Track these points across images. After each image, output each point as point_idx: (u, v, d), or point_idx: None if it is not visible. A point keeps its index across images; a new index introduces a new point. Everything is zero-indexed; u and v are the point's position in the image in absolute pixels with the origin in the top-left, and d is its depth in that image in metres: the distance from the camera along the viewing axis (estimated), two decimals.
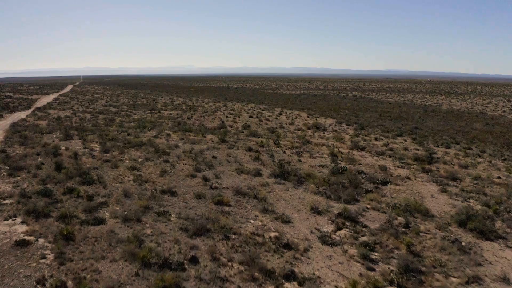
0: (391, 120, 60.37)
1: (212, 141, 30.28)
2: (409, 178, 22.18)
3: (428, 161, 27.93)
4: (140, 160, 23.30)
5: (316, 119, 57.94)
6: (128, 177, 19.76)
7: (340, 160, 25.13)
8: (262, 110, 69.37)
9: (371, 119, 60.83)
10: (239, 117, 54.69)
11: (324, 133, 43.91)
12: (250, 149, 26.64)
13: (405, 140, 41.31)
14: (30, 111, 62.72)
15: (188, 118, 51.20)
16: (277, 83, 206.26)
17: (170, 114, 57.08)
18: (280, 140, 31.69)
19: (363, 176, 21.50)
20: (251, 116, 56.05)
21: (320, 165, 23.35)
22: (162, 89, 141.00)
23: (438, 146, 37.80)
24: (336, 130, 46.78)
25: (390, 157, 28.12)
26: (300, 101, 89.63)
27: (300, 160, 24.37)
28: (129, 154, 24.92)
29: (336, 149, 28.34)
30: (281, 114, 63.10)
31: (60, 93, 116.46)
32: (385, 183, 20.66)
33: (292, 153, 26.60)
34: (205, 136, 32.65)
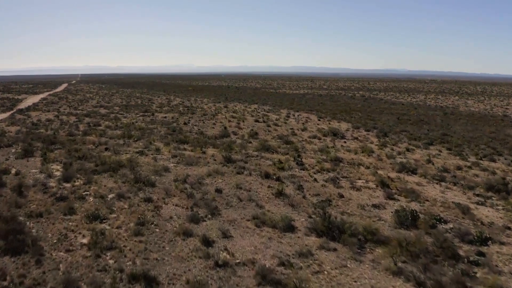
0: (412, 124, 52.97)
1: (215, 160, 22.47)
2: (509, 228, 14.61)
3: (505, 190, 20.43)
4: (110, 197, 15.55)
5: (329, 123, 50.43)
6: (83, 235, 12.09)
7: (396, 194, 17.53)
8: (267, 112, 61.76)
9: (389, 123, 53.45)
10: (243, 121, 46.97)
11: (345, 142, 36.47)
12: (267, 175, 18.91)
13: (440, 151, 34.08)
14: (9, 113, 54.88)
15: (184, 123, 43.42)
16: (278, 82, 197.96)
17: (165, 117, 49.25)
18: (302, 157, 24.03)
19: (448, 229, 13.91)
20: (257, 120, 48.34)
21: (374, 206, 15.69)
22: (159, 88, 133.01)
23: (481, 159, 30.56)
24: (357, 138, 39.31)
25: (455, 184, 20.51)
26: (306, 101, 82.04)
27: (341, 196, 16.65)
28: (98, 185, 17.16)
29: (383, 173, 20.67)
30: (288, 116, 55.52)
31: (51, 92, 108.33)
32: (484, 241, 13.11)
33: (326, 181, 18.89)
34: (204, 152, 24.84)
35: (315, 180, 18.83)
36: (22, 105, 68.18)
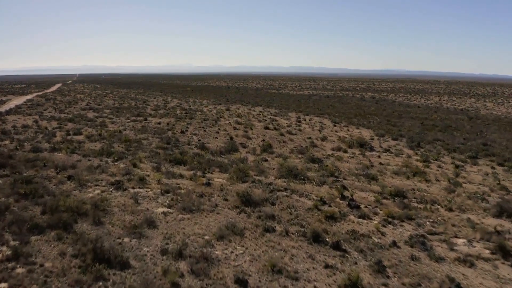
0: (441, 131, 45.60)
1: (226, 199, 14.82)
2: None
3: None
4: None
5: (348, 130, 43.08)
6: None
7: None
8: (275, 116, 54.29)
9: (415, 129, 46.12)
10: (251, 128, 39.49)
11: (379, 156, 29.14)
12: (315, 236, 11.44)
13: (493, 168, 26.98)
14: None
15: (182, 131, 35.87)
16: (280, 83, 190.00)
17: (159, 123, 41.66)
18: (350, 190, 16.59)
19: None
20: (266, 127, 40.84)
21: None
22: (156, 89, 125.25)
23: None
24: (389, 150, 31.97)
25: None
26: (314, 103, 74.56)
27: (458, 286, 9.27)
28: (29, 263, 9.71)
29: (479, 221, 13.25)
30: (299, 121, 48.08)
31: (40, 93, 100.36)
32: None
33: (411, 245, 11.41)
34: (209, 182, 17.25)
35: (394, 244, 11.32)
36: (3, 108, 60.48)
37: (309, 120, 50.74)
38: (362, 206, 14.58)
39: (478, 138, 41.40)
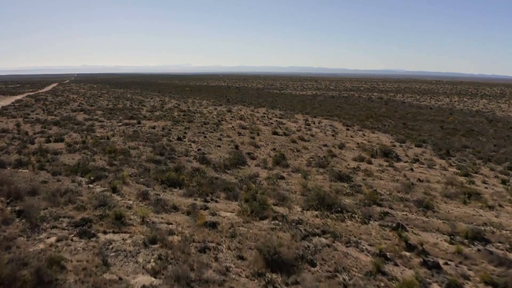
0: (464, 136, 40.86)
1: (240, 256, 9.79)
2: None
3: None
4: None
5: (363, 135, 38.26)
6: None
7: None
8: (280, 118, 49.42)
9: (435, 133, 41.41)
10: (258, 134, 34.53)
11: (412, 170, 24.35)
12: None
13: None
14: None
15: (179, 138, 30.83)
16: (281, 83, 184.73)
17: (153, 128, 36.65)
18: (411, 233, 11.62)
19: None
20: (275, 132, 35.89)
21: None
22: (154, 89, 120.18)
23: None
24: (417, 160, 27.18)
25: None
26: (320, 104, 69.73)
27: None
28: None
29: None
30: (309, 125, 43.23)
31: (32, 93, 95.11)
32: None
33: None
34: (214, 215, 12.27)
35: None
36: None
37: (319, 123, 45.96)
38: (441, 262, 9.67)
39: (509, 144, 36.68)
